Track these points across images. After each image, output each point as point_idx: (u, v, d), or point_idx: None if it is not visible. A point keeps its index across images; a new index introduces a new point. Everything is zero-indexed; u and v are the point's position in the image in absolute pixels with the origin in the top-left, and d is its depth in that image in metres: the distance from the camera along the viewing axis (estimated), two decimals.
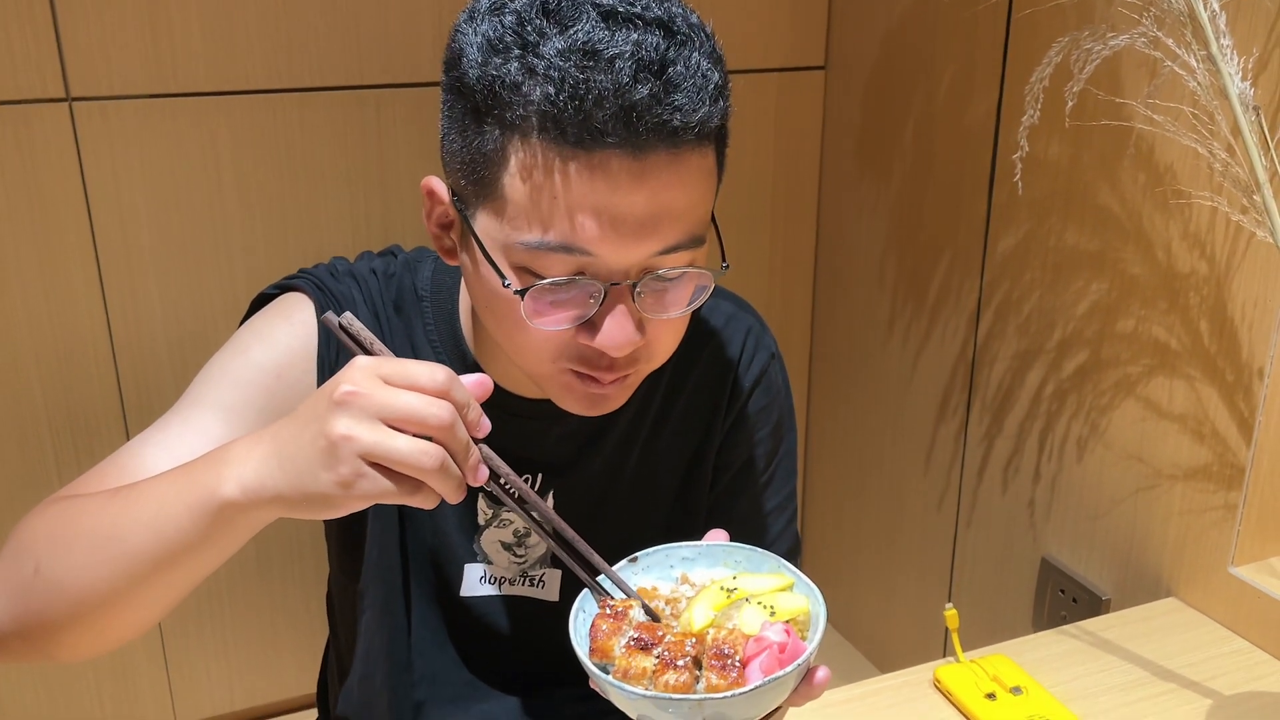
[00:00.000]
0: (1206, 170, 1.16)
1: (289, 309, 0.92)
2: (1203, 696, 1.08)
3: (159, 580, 0.72)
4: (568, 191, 0.73)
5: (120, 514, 0.72)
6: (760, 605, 0.69)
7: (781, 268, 1.97)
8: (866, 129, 1.80)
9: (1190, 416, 1.24)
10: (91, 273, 1.55)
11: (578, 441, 0.97)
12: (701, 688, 0.64)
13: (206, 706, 1.79)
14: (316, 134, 1.60)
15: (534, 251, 0.75)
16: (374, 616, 0.99)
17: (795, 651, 0.65)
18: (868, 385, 1.88)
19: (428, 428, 0.64)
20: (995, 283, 1.54)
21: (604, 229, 0.73)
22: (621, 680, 0.65)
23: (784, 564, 0.72)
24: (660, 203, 0.74)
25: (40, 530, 0.77)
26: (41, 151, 1.48)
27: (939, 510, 1.73)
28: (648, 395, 0.98)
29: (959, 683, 1.06)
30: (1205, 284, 1.20)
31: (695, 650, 0.65)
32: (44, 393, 1.57)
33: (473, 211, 0.78)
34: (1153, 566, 1.31)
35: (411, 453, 0.63)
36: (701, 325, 1.00)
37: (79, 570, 0.73)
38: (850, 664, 1.98)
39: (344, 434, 0.63)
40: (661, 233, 0.75)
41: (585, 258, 0.74)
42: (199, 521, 0.68)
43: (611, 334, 0.76)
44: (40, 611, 0.75)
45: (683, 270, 0.78)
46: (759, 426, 1.01)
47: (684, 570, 0.75)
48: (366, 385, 0.64)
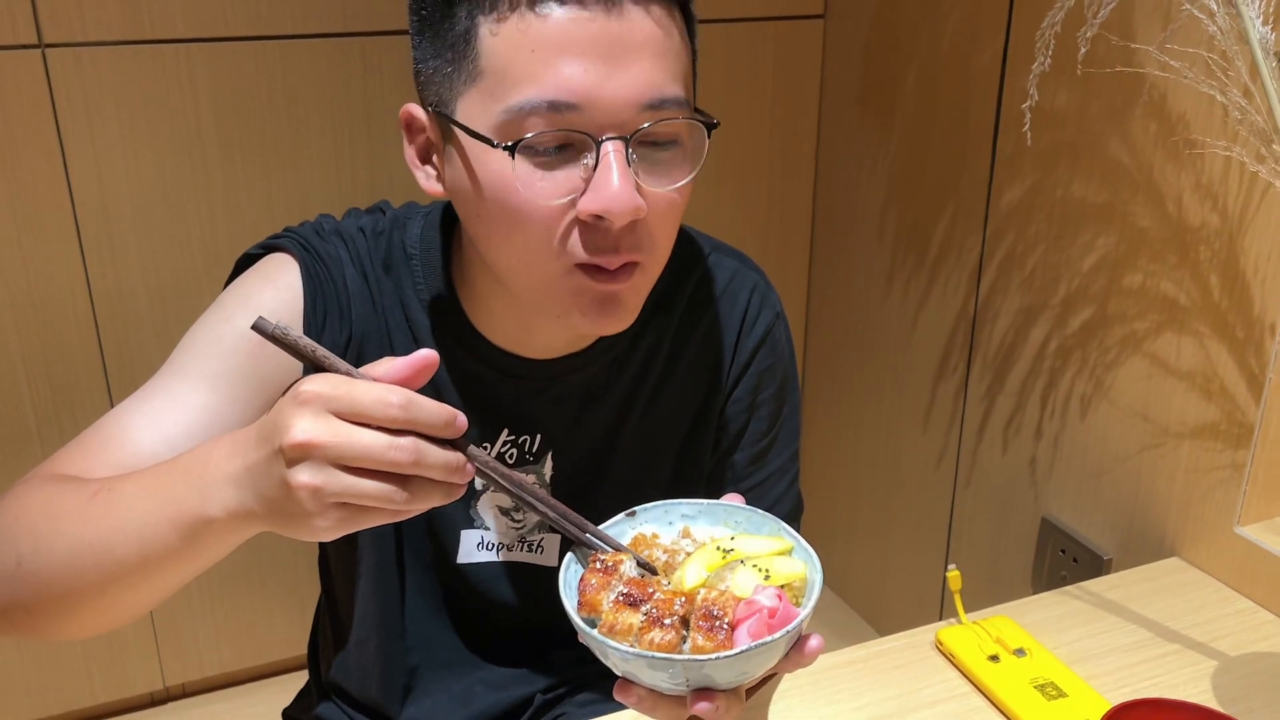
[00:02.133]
0: (1221, 118, 1.13)
1: (274, 271, 0.88)
2: (1208, 657, 1.06)
3: (144, 583, 0.72)
4: (543, 43, 0.72)
5: (103, 522, 0.71)
6: (755, 568, 0.67)
7: (779, 221, 1.94)
8: (867, 78, 1.76)
9: (1199, 373, 1.21)
10: (68, 224, 1.51)
11: (577, 400, 0.94)
12: (688, 648, 0.62)
13: (194, 669, 1.78)
14: (300, 82, 1.56)
15: (520, 115, 0.73)
16: (369, 583, 0.97)
17: (786, 617, 0.63)
18: (866, 342, 1.85)
19: (389, 469, 0.61)
20: (999, 236, 1.51)
21: (585, 74, 0.73)
22: (607, 635, 0.63)
23: (784, 527, 0.71)
24: (639, 45, 0.74)
25: (24, 520, 0.75)
26: (14, 100, 1.43)
27: (937, 469, 1.71)
28: (650, 355, 0.95)
29: (962, 645, 1.04)
30: (1217, 237, 1.17)
31: (684, 609, 0.64)
32: (21, 346, 1.54)
33: (453, 108, 0.77)
34: (1156, 526, 1.30)
35: (381, 494, 0.61)
36: (705, 282, 0.97)
37: (63, 571, 0.72)
38: (847, 624, 1.97)
39: (309, 485, 0.60)
40: (648, 77, 0.74)
41: (572, 113, 0.73)
42: (185, 538, 0.68)
43: (610, 192, 0.74)
44: (23, 602, 0.74)
45: (675, 132, 0.77)
46: (763, 387, 0.99)
47: (686, 525, 0.74)
48: (320, 431, 0.60)
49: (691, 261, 0.97)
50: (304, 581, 1.77)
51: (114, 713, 1.76)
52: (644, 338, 0.95)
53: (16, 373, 1.54)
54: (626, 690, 0.65)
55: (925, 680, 1.03)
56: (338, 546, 1.01)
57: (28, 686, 1.68)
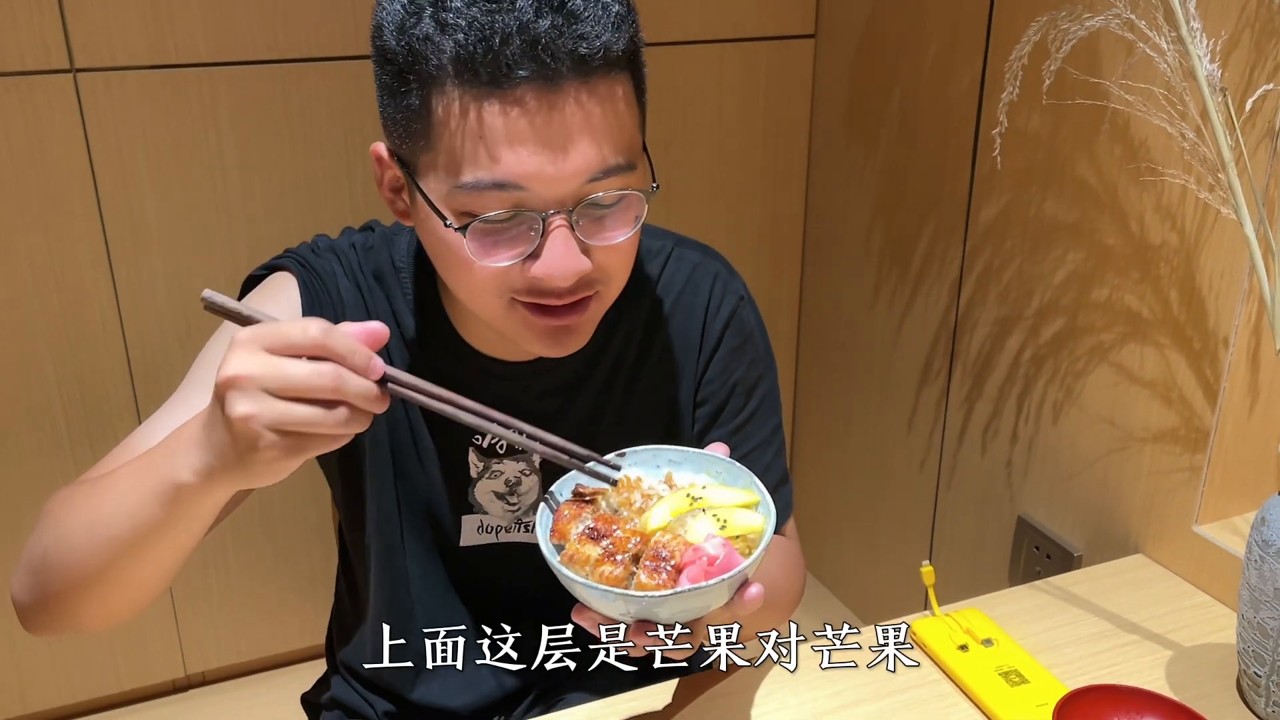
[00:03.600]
0: (1177, 149, 1.20)
1: (275, 288, 0.96)
2: (1164, 648, 1.12)
3: (143, 559, 0.78)
4: (490, 130, 0.77)
5: (102, 505, 0.78)
6: (715, 517, 0.73)
7: (771, 234, 2.00)
8: (855, 98, 1.82)
9: (1160, 382, 1.29)
10: (98, 241, 1.58)
11: (559, 394, 1.01)
12: (633, 585, 0.69)
13: (214, 657, 1.85)
14: (314, 103, 1.63)
15: (470, 194, 0.79)
16: (377, 569, 1.04)
17: (726, 566, 0.69)
18: (853, 350, 1.92)
19: (315, 394, 0.67)
20: (977, 251, 1.58)
21: (529, 160, 0.77)
22: (566, 564, 0.71)
23: (756, 483, 0.76)
24: (579, 128, 0.78)
25: (51, 518, 0.83)
26: (47, 122, 1.50)
27: (921, 471, 1.78)
28: (623, 347, 1.02)
29: (933, 635, 1.11)
30: (1175, 255, 1.24)
31: (638, 548, 0.71)
32: (53, 360, 1.61)
33: (414, 168, 0.83)
34: (1122, 524, 1.37)
35: (313, 417, 0.67)
36: (670, 275, 1.03)
37: (75, 554, 0.79)
38: (834, 616, 2.04)
39: (243, 415, 0.66)
40: (586, 158, 0.79)
41: (519, 192, 0.78)
42: (166, 506, 0.74)
43: (552, 261, 0.80)
44: (52, 591, 0.82)
45: (618, 195, 0.82)
46: (734, 367, 1.04)
47: (670, 470, 0.80)
48: (248, 364, 0.66)
49: (656, 258, 1.03)
50: (320, 573, 1.83)
51: (137, 700, 1.83)
52: (617, 329, 1.01)
53: (48, 382, 1.61)
54: (581, 614, 0.72)
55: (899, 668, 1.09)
56: (351, 534, 1.07)
57: (55, 675, 1.75)
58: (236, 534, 1.77)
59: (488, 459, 1.01)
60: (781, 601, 1.02)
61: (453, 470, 1.02)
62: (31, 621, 0.86)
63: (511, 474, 1.02)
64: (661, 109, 1.82)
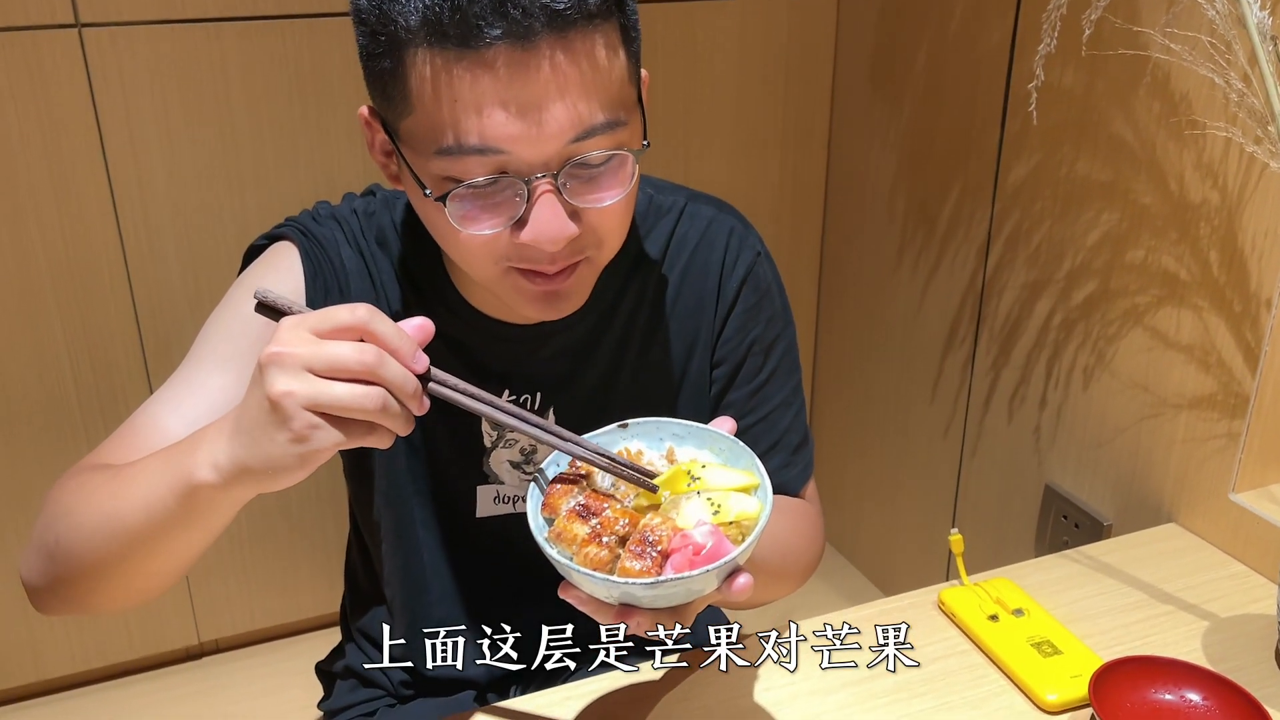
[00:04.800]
0: (1222, 100, 1.16)
1: (276, 259, 0.94)
2: (1199, 618, 1.10)
3: (156, 553, 0.77)
4: (465, 92, 0.74)
5: (118, 495, 0.77)
6: (709, 501, 0.70)
7: (791, 195, 1.97)
8: (879, 55, 1.79)
9: (1197, 346, 1.25)
10: (105, 200, 1.56)
11: (570, 358, 0.98)
12: (617, 569, 0.67)
13: (227, 626, 1.85)
14: (326, 60, 1.60)
15: (451, 159, 0.76)
16: (390, 542, 1.03)
17: (713, 555, 0.67)
18: (876, 315, 1.89)
19: (356, 373, 0.66)
20: (1006, 213, 1.54)
21: (508, 122, 0.74)
22: (553, 541, 0.69)
23: (758, 465, 0.73)
24: (556, 88, 0.74)
25: (63, 502, 0.82)
26: (52, 78, 1.47)
27: (945, 438, 1.75)
28: (635, 306, 0.99)
29: (963, 605, 1.08)
30: (1216, 214, 1.21)
31: (625, 530, 0.69)
32: (62, 320, 1.59)
33: (396, 133, 0.80)
34: (1154, 493, 1.34)
35: (351, 397, 0.66)
36: (682, 232, 1.00)
37: (88, 544, 0.78)
38: (853, 586, 2.02)
39: (282, 391, 0.65)
40: (566, 118, 0.75)
41: (500, 156, 0.75)
42: (182, 504, 0.72)
43: (539, 227, 0.77)
44: (65, 577, 0.81)
45: (607, 154, 0.78)
46: (751, 325, 1.01)
47: (672, 444, 0.77)
48: (293, 342, 0.66)
49: (668, 214, 1.00)
50: (334, 543, 1.82)
51: (151, 667, 1.83)
52: (627, 291, 0.98)
53: (58, 345, 1.60)
54: (567, 590, 0.70)
55: (927, 638, 1.07)
56: (360, 508, 1.06)
57: (70, 642, 1.75)
58: (250, 503, 1.75)
59: (501, 427, 0.99)
60: (797, 567, 1.00)
61: (466, 440, 1.00)
62: (43, 603, 0.85)
63: (527, 442, 1.00)
64: (681, 66, 1.78)
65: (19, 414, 1.61)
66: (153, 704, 1.77)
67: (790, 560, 0.98)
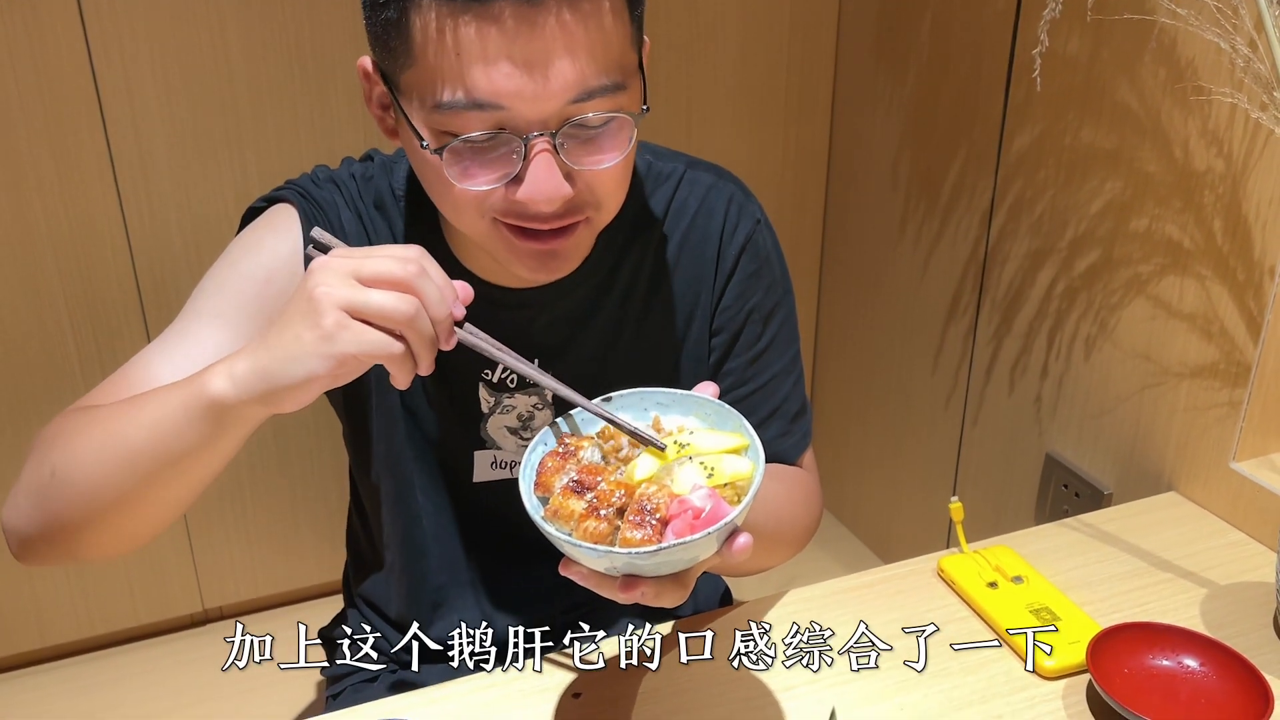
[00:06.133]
0: (1228, 66, 1.15)
1: (275, 220, 0.94)
2: (1198, 586, 1.10)
3: (162, 479, 0.77)
4: (467, 47, 0.74)
5: (124, 418, 0.77)
6: (702, 465, 0.70)
7: (794, 164, 1.96)
8: (883, 21, 1.77)
9: (1199, 315, 1.25)
10: (105, 166, 1.55)
11: (568, 325, 0.98)
12: (617, 539, 0.67)
13: (231, 593, 1.85)
14: (326, 28, 1.58)
15: (450, 113, 0.76)
16: (389, 508, 1.03)
17: (712, 518, 0.67)
18: (878, 284, 1.88)
19: (398, 282, 0.69)
20: (1009, 181, 1.53)
21: (509, 79, 0.74)
22: (550, 519, 0.69)
23: (746, 425, 0.73)
24: (561, 46, 0.74)
25: (58, 438, 0.81)
26: (51, 46, 1.46)
27: (946, 408, 1.75)
28: (634, 274, 0.99)
29: (962, 572, 1.09)
30: (1221, 182, 1.20)
31: (622, 501, 0.69)
32: (63, 285, 1.59)
33: (396, 85, 0.80)
34: (1155, 462, 1.34)
35: (386, 300, 0.69)
36: (681, 200, 1.00)
37: (88, 470, 0.77)
38: (853, 554, 2.03)
39: (323, 290, 0.68)
40: (568, 78, 0.75)
41: (499, 112, 0.76)
42: (192, 420, 0.73)
43: (535, 185, 0.77)
44: (58, 513, 0.80)
45: (606, 116, 0.78)
46: (750, 293, 1.01)
47: (657, 414, 0.77)
48: (341, 253, 0.72)
49: (668, 181, 1.00)
50: (336, 509, 1.83)
51: (155, 634, 1.84)
52: (625, 259, 0.98)
53: (59, 310, 1.59)
54: (569, 567, 0.70)
55: (926, 605, 1.07)
56: (360, 474, 1.06)
57: (74, 608, 1.76)
58: (253, 468, 1.76)
59: (498, 394, 0.99)
60: (793, 534, 1.01)
61: (463, 406, 1.00)
62: (29, 550, 0.83)
63: (524, 408, 1.00)
64: (682, 34, 1.76)
65: (22, 382, 1.61)
66: (156, 670, 1.78)
67: (786, 527, 0.98)
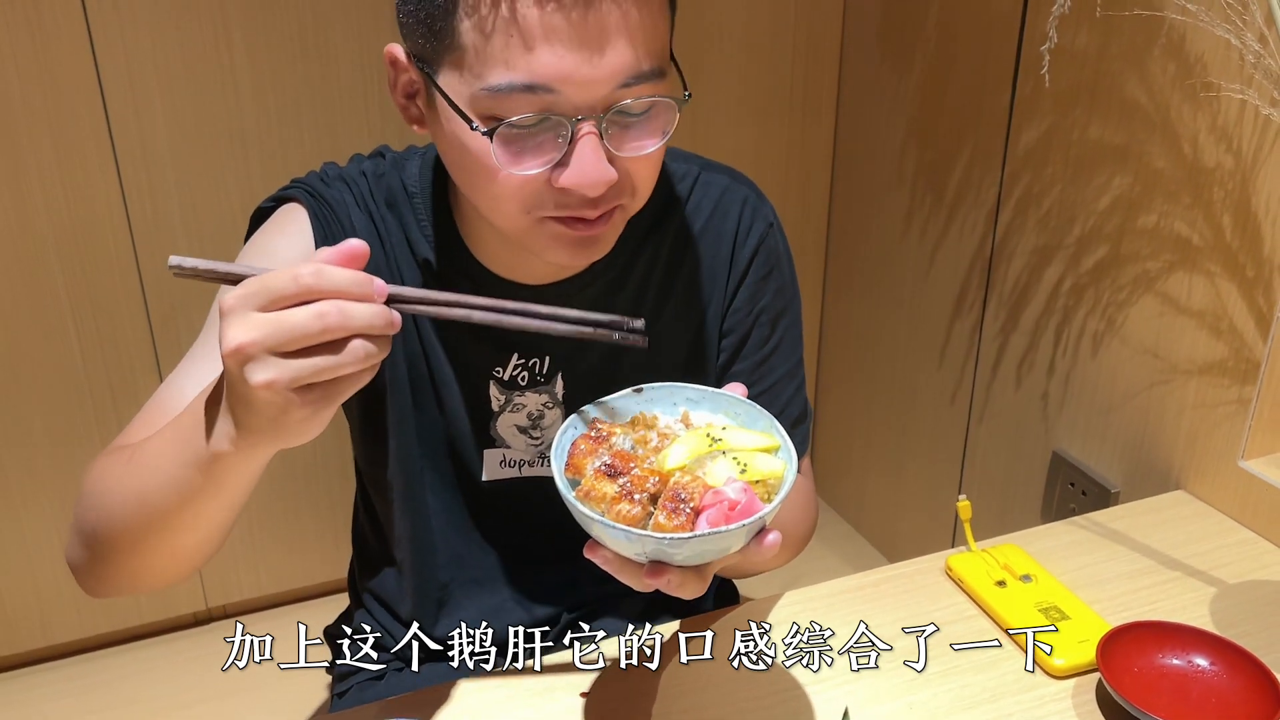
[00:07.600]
0: (1238, 62, 1.14)
1: (285, 222, 0.93)
2: (1207, 584, 1.10)
3: (189, 527, 0.77)
4: (524, 24, 0.73)
5: (139, 474, 0.77)
6: (735, 460, 0.70)
7: (799, 159, 1.95)
8: (888, 16, 1.76)
9: (1208, 312, 1.24)
10: (108, 161, 1.55)
11: None
12: (650, 525, 0.67)
13: (234, 591, 1.85)
14: (329, 18, 1.58)
15: (498, 96, 0.75)
16: (399, 505, 1.03)
17: (746, 511, 0.67)
18: (883, 279, 1.88)
19: (325, 338, 0.64)
20: (1016, 177, 1.53)
21: (563, 60, 0.74)
22: (582, 500, 0.68)
23: (776, 426, 0.73)
24: (616, 28, 0.74)
25: (96, 487, 0.82)
26: (55, 41, 1.46)
27: (951, 405, 1.75)
28: (647, 273, 0.99)
29: (970, 571, 1.08)
30: (1230, 178, 1.19)
31: (656, 488, 0.68)
32: (65, 277, 1.59)
33: (435, 69, 0.79)
34: (1163, 460, 1.33)
35: (334, 362, 0.65)
36: (697, 200, 1.00)
37: (119, 525, 0.79)
38: (858, 553, 2.03)
39: (263, 383, 0.63)
40: (621, 60, 0.75)
41: (548, 95, 0.75)
42: (206, 476, 0.72)
43: (582, 169, 0.77)
44: (104, 558, 0.82)
45: (649, 102, 0.78)
46: (760, 296, 1.01)
47: (687, 409, 0.77)
48: (247, 329, 0.63)
49: (682, 182, 1.00)
50: (341, 507, 1.82)
51: (158, 632, 1.84)
52: (640, 258, 0.98)
53: (62, 308, 1.59)
54: (594, 550, 0.70)
55: (934, 603, 1.07)
56: (371, 471, 1.06)
57: (79, 606, 1.76)
58: None
59: (509, 392, 0.99)
60: (793, 538, 1.01)
61: (474, 404, 0.99)
62: (90, 586, 0.86)
63: (534, 407, 0.99)
64: (688, 28, 1.75)
65: (24, 375, 1.61)
66: (159, 669, 1.78)
67: (789, 530, 0.98)
